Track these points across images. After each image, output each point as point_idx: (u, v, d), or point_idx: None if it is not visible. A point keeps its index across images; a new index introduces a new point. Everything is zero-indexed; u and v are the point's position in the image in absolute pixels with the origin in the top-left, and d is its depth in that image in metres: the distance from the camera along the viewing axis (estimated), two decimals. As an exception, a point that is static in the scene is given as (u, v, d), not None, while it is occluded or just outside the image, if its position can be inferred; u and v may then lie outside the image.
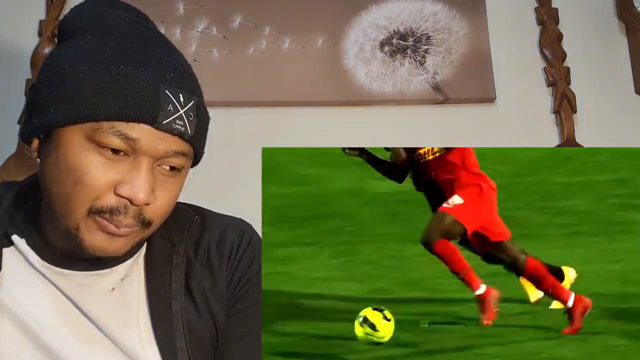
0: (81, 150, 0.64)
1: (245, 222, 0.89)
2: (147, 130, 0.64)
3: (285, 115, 1.71)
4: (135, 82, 0.64)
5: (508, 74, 1.75)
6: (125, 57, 0.66)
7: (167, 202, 0.70)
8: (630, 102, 1.75)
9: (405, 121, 1.72)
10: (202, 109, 0.72)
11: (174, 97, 0.65)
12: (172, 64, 0.70)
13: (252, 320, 0.79)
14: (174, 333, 0.72)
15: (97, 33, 0.68)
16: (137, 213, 0.67)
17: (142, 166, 0.65)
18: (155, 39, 0.72)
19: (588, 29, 1.81)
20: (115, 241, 0.68)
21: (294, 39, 1.75)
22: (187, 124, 0.67)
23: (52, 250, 0.73)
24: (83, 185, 0.63)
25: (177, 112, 0.65)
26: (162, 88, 0.65)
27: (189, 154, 0.71)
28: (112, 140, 0.63)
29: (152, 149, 0.65)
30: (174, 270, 0.76)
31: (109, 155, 0.64)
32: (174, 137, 0.67)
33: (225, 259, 0.80)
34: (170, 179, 0.70)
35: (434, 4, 1.80)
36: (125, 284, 0.75)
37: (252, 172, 1.62)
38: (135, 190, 0.64)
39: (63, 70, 0.66)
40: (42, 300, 0.70)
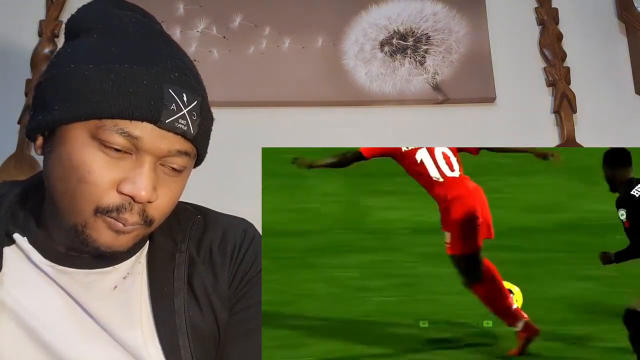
0: (84, 147, 0.64)
1: (247, 222, 0.90)
2: (150, 129, 0.65)
3: (285, 115, 1.71)
4: (139, 81, 0.64)
5: (508, 74, 1.75)
6: (130, 56, 0.66)
7: (169, 200, 0.71)
8: (630, 102, 1.75)
9: (405, 121, 1.72)
10: (205, 109, 0.73)
11: (177, 96, 0.66)
12: (177, 64, 0.70)
13: (253, 320, 0.79)
14: (176, 331, 0.73)
15: (103, 32, 0.69)
16: (141, 210, 0.68)
17: (145, 164, 0.66)
18: (161, 39, 0.73)
19: (588, 29, 1.81)
20: (121, 237, 0.69)
21: (294, 39, 1.75)
22: (190, 123, 0.67)
23: (54, 248, 0.73)
24: (86, 183, 0.64)
25: (181, 112, 0.66)
26: (165, 87, 0.65)
27: (191, 154, 0.71)
28: (116, 139, 0.64)
29: (155, 148, 0.66)
30: (176, 269, 0.77)
31: (112, 153, 0.65)
32: (177, 137, 0.67)
33: (227, 258, 0.81)
34: (172, 178, 0.70)
35: (434, 4, 1.80)
36: (128, 282, 0.75)
37: (252, 172, 1.62)
38: (138, 187, 0.65)
39: (68, 69, 0.66)
40: (44, 299, 0.71)
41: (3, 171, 1.48)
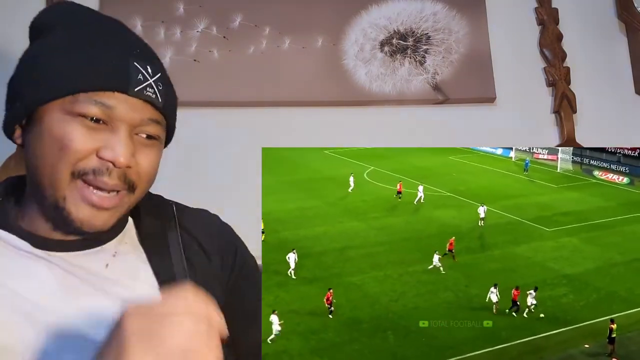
0: (63, 122, 0.70)
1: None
2: (123, 99, 0.71)
3: (285, 115, 1.71)
4: (106, 57, 0.72)
5: (508, 74, 1.75)
6: (95, 38, 0.74)
7: (148, 167, 0.76)
8: (630, 102, 1.76)
9: (405, 121, 1.72)
10: (169, 82, 0.79)
11: (142, 68, 0.73)
12: (138, 42, 0.78)
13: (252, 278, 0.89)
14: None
15: (66, 26, 0.76)
16: (122, 174, 0.72)
17: (121, 132, 0.71)
18: (120, 25, 0.81)
19: (588, 29, 1.81)
20: (101, 214, 0.72)
21: (294, 39, 1.75)
22: (157, 92, 0.74)
23: (42, 236, 0.75)
24: (68, 149, 0.69)
25: (147, 81, 0.73)
26: (131, 60, 0.73)
27: (162, 123, 0.77)
28: (91, 109, 0.69)
29: (128, 117, 0.72)
30: (171, 245, 0.83)
31: (90, 124, 0.70)
32: (148, 106, 0.74)
33: (210, 233, 0.88)
34: (148, 148, 0.76)
35: (434, 4, 1.80)
36: (118, 260, 0.78)
37: (252, 172, 1.62)
38: (117, 153, 0.70)
39: (38, 58, 0.73)
40: (37, 283, 0.72)
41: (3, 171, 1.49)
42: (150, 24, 1.71)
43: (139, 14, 1.71)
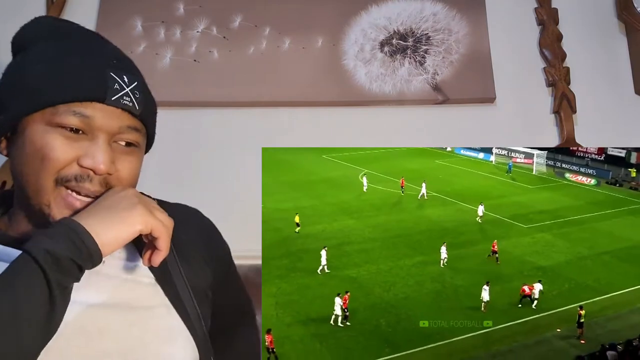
0: (44, 133, 0.73)
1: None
2: (100, 108, 0.74)
3: (285, 115, 1.71)
4: (83, 69, 0.75)
5: (508, 74, 1.75)
6: (74, 51, 0.78)
7: (129, 173, 0.79)
8: (630, 102, 1.75)
9: (405, 121, 1.72)
10: (146, 90, 0.82)
11: (118, 78, 0.76)
12: (115, 54, 0.82)
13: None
14: (177, 288, 0.83)
15: (47, 38, 0.80)
16: (103, 181, 0.76)
17: (99, 140, 0.75)
18: (97, 37, 0.85)
19: (588, 29, 1.81)
20: None
21: (294, 39, 1.75)
22: (134, 100, 0.77)
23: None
24: (49, 159, 0.73)
25: (123, 90, 0.76)
26: (107, 71, 0.76)
27: (141, 130, 0.80)
28: (70, 120, 0.73)
29: (106, 125, 0.75)
30: None
31: (69, 134, 0.74)
32: (125, 114, 0.77)
33: (195, 227, 0.92)
34: (128, 155, 0.79)
35: (434, 4, 1.80)
36: (107, 266, 0.78)
37: (252, 172, 1.62)
38: (97, 161, 0.74)
39: (20, 71, 0.77)
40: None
41: (3, 172, 1.49)
42: (150, 24, 1.72)
43: (139, 14, 1.71)
